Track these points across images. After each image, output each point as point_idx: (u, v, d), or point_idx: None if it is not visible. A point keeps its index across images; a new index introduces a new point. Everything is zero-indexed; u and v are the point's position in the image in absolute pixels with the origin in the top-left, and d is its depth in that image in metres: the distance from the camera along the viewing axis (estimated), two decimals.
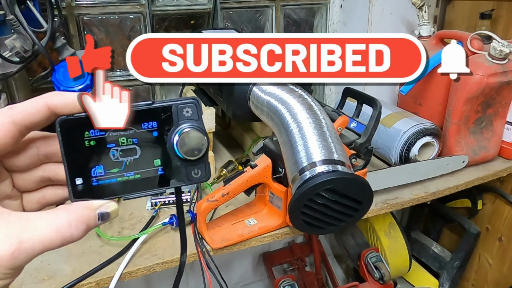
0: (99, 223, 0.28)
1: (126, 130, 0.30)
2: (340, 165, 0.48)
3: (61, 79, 0.74)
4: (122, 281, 0.66)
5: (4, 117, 0.27)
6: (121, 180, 0.30)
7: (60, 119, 0.28)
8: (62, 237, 0.26)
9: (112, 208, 0.29)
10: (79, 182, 0.29)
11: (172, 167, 0.31)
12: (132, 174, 0.30)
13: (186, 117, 0.31)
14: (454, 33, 1.00)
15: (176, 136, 0.30)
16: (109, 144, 0.30)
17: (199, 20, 1.12)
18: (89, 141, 0.29)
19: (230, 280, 1.36)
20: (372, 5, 1.10)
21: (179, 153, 0.31)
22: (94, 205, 0.28)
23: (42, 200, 0.32)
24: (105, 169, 0.30)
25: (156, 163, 0.31)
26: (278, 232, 0.74)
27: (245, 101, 0.68)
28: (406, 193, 0.88)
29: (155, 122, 0.30)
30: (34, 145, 0.30)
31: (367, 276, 1.13)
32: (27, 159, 0.30)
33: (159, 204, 0.80)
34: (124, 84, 1.07)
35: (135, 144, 0.30)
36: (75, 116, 0.29)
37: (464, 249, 1.23)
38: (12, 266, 0.24)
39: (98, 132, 0.29)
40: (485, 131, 0.98)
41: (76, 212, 0.27)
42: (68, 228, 0.26)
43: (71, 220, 0.26)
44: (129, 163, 0.30)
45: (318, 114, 0.54)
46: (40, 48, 0.70)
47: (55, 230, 0.25)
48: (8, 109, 0.27)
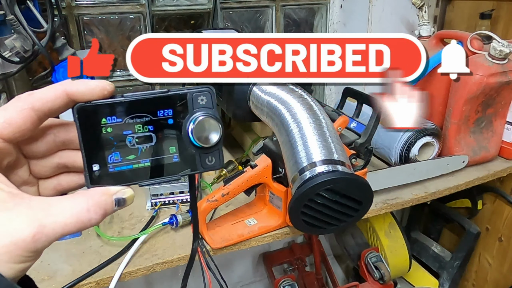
0: (115, 208, 0.29)
1: (142, 117, 0.30)
2: (340, 165, 0.48)
3: (61, 79, 0.74)
4: (122, 281, 0.66)
5: (23, 103, 0.27)
6: (137, 166, 0.31)
7: (78, 105, 0.29)
8: (81, 222, 0.26)
9: (128, 194, 0.30)
10: (96, 168, 0.30)
11: (186, 155, 0.32)
12: (147, 161, 0.31)
13: (201, 105, 0.31)
14: (454, 33, 1.00)
15: (191, 124, 0.31)
16: (126, 131, 0.30)
17: (199, 20, 1.12)
18: (106, 128, 0.30)
19: (230, 280, 1.36)
20: (372, 5, 1.10)
21: (194, 140, 0.31)
22: (111, 191, 0.29)
23: (58, 186, 0.33)
24: (121, 155, 0.30)
25: (172, 150, 0.31)
26: (278, 232, 0.74)
27: (245, 101, 0.68)
28: (406, 193, 0.88)
29: (170, 110, 0.31)
30: (51, 132, 0.31)
31: (367, 276, 1.13)
32: (44, 145, 0.31)
33: (159, 204, 0.80)
34: (124, 84, 1.07)
35: (151, 131, 0.31)
36: (92, 103, 0.29)
37: (464, 249, 1.23)
38: (33, 249, 0.25)
39: (115, 119, 0.30)
40: (485, 131, 0.98)
41: (94, 198, 0.27)
42: (87, 213, 0.27)
43: (90, 205, 0.27)
44: (145, 150, 0.31)
45: (318, 114, 0.54)
46: (40, 48, 0.70)
47: (75, 215, 0.26)
48: (27, 96, 0.28)
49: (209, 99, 0.31)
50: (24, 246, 0.24)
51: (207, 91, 0.31)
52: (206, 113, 0.31)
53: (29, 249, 0.24)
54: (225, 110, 0.78)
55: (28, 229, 0.24)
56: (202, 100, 0.31)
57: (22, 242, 0.24)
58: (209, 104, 0.31)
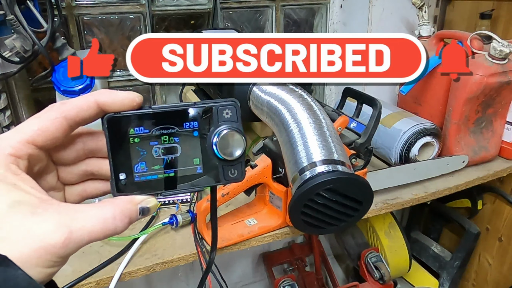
0: (140, 217, 0.29)
1: (169, 129, 0.31)
2: (340, 165, 0.48)
3: (61, 79, 0.74)
4: (122, 281, 0.66)
5: (57, 113, 0.28)
6: (162, 177, 0.31)
7: (108, 116, 0.30)
8: (108, 229, 0.27)
9: (152, 203, 0.30)
10: (122, 177, 0.30)
11: (210, 166, 0.32)
12: (172, 172, 0.31)
13: (225, 119, 0.32)
14: (454, 33, 1.00)
15: (216, 137, 0.32)
16: (152, 142, 0.31)
17: (199, 20, 1.12)
18: (133, 138, 0.30)
19: (230, 280, 1.36)
20: (372, 5, 1.10)
21: (218, 153, 0.32)
22: (136, 200, 0.29)
23: (83, 193, 0.33)
24: (147, 165, 0.31)
25: (196, 161, 0.32)
26: (278, 232, 0.74)
27: (245, 101, 0.68)
28: (406, 193, 0.88)
29: (196, 122, 0.31)
30: (80, 140, 0.32)
31: (367, 276, 1.13)
32: (73, 153, 0.32)
33: (159, 204, 0.80)
34: (124, 84, 1.07)
35: (176, 143, 0.31)
36: (121, 113, 0.30)
37: (464, 249, 1.23)
38: (62, 255, 0.25)
39: (143, 129, 0.30)
40: (485, 131, 0.98)
41: (120, 206, 0.28)
42: (113, 220, 0.27)
43: (116, 213, 0.27)
44: (170, 161, 0.31)
45: (318, 114, 0.54)
46: (40, 48, 0.70)
47: (102, 222, 0.27)
48: (60, 105, 0.28)
49: (234, 113, 0.32)
50: (54, 251, 0.24)
51: (232, 105, 0.32)
52: (231, 127, 0.32)
53: (58, 255, 0.25)
54: None
55: (57, 234, 0.25)
56: (227, 114, 0.32)
57: (52, 247, 0.24)
58: (234, 118, 0.32)
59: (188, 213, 0.75)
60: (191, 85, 1.07)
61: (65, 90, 0.74)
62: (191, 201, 0.81)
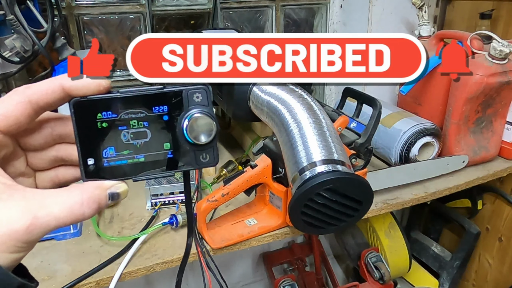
0: (109, 203, 0.29)
1: (138, 113, 0.30)
2: (340, 165, 0.48)
3: None
4: (122, 281, 0.66)
5: (20, 96, 0.27)
6: (131, 162, 0.31)
7: (74, 100, 0.29)
8: (74, 215, 0.27)
9: (122, 188, 0.30)
10: (91, 162, 0.30)
11: (181, 151, 0.32)
12: (142, 157, 0.31)
13: (196, 103, 0.31)
14: (454, 33, 1.00)
15: (186, 121, 0.31)
16: (121, 127, 0.30)
17: (199, 20, 1.12)
18: (101, 123, 0.30)
19: (230, 280, 1.36)
20: (372, 5, 1.10)
21: (188, 137, 0.31)
22: (105, 185, 0.29)
23: (54, 178, 0.33)
24: (116, 150, 0.30)
25: (166, 146, 0.32)
26: (278, 232, 0.74)
27: (245, 101, 0.68)
28: (406, 193, 0.88)
29: (165, 106, 0.31)
30: (48, 125, 0.31)
31: (367, 276, 1.13)
32: (41, 138, 0.31)
33: (159, 204, 0.80)
34: (124, 84, 1.07)
35: (146, 127, 0.31)
36: (88, 98, 0.29)
37: (464, 249, 1.23)
38: (27, 240, 0.25)
39: (110, 114, 0.30)
40: (485, 131, 0.98)
41: (88, 191, 0.28)
42: (81, 206, 0.27)
43: (84, 198, 0.27)
44: (140, 146, 0.31)
45: (318, 114, 0.54)
46: (40, 48, 0.70)
47: (69, 208, 0.26)
48: (24, 89, 0.28)
49: (204, 97, 0.32)
50: (18, 237, 0.25)
51: (203, 89, 0.32)
52: (201, 111, 0.31)
53: (23, 240, 0.25)
54: (225, 110, 0.78)
55: (22, 220, 0.25)
56: (197, 98, 0.32)
57: (15, 233, 0.24)
58: (204, 102, 0.32)
59: None
60: None
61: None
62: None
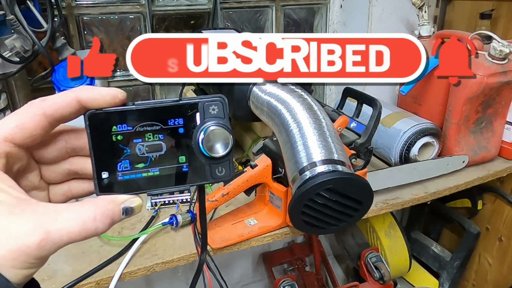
0: (123, 217, 0.29)
1: (153, 126, 0.30)
2: (340, 165, 0.48)
3: (61, 79, 0.74)
4: (122, 281, 0.66)
5: (36, 109, 0.27)
6: (146, 175, 0.30)
7: (89, 112, 0.29)
8: (88, 230, 0.26)
9: (136, 203, 0.29)
10: (105, 176, 0.30)
11: (196, 164, 0.31)
12: (157, 170, 0.31)
13: (212, 115, 0.31)
14: (454, 33, 1.00)
15: (202, 134, 0.30)
16: (136, 139, 0.30)
17: (199, 20, 1.12)
18: (116, 136, 0.29)
19: (230, 280, 1.36)
20: (372, 5, 1.10)
21: (204, 150, 0.31)
22: (119, 200, 0.28)
23: (68, 192, 0.33)
24: (130, 164, 0.30)
25: (181, 160, 0.31)
26: (278, 232, 0.74)
27: (245, 101, 0.68)
28: (406, 193, 0.88)
29: (181, 119, 0.30)
30: (62, 138, 0.31)
31: (367, 276, 1.13)
32: (55, 151, 0.31)
33: (159, 204, 0.80)
34: (124, 84, 1.07)
35: (161, 140, 0.30)
36: (103, 110, 0.29)
37: (464, 249, 1.23)
38: (38, 256, 0.25)
39: (126, 126, 0.29)
40: (485, 131, 0.98)
41: (101, 206, 0.27)
42: (93, 221, 0.26)
43: (97, 213, 0.27)
44: (155, 159, 0.30)
45: (318, 114, 0.54)
46: (40, 48, 0.70)
47: (82, 223, 0.26)
48: (40, 101, 0.28)
49: (220, 109, 0.31)
50: (29, 253, 0.24)
51: (219, 101, 0.31)
52: (217, 123, 0.31)
53: (34, 256, 0.24)
54: None
55: (34, 235, 0.24)
56: (213, 110, 0.31)
57: (27, 249, 0.24)
58: (220, 114, 0.31)
59: (188, 213, 0.75)
60: (191, 85, 1.07)
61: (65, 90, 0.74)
62: (191, 201, 0.81)
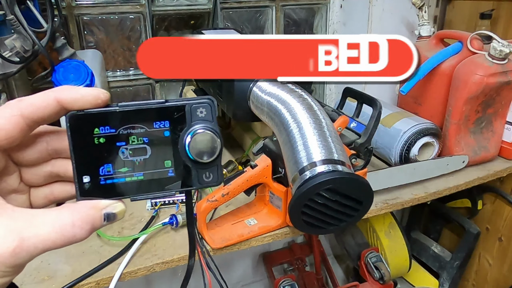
0: (104, 223, 0.27)
1: (138, 128, 0.29)
2: (340, 165, 0.48)
3: (61, 79, 0.74)
4: (122, 281, 0.66)
5: (13, 110, 0.26)
6: (130, 180, 0.29)
7: (70, 114, 0.28)
8: (65, 237, 0.25)
9: (119, 208, 0.28)
10: (86, 180, 0.28)
11: (183, 169, 0.30)
12: (141, 175, 0.29)
13: (199, 118, 0.30)
14: (454, 33, 1.00)
15: (188, 137, 0.29)
16: (119, 142, 0.29)
17: (199, 20, 1.12)
18: (98, 138, 0.28)
19: (230, 280, 1.36)
20: (372, 5, 1.10)
21: (190, 155, 0.29)
22: (100, 205, 0.27)
23: (50, 195, 0.32)
24: (113, 168, 0.29)
25: (167, 164, 0.30)
26: (278, 232, 0.74)
27: (245, 101, 0.68)
28: (406, 193, 0.88)
29: (167, 122, 0.29)
30: (43, 140, 0.30)
31: (367, 276, 1.13)
32: (35, 153, 0.30)
33: (159, 204, 0.80)
34: (124, 84, 1.07)
35: (146, 143, 0.29)
36: (85, 111, 0.28)
37: (464, 249, 1.23)
38: (12, 264, 0.23)
39: (108, 129, 0.28)
40: (485, 131, 0.98)
41: (81, 212, 0.26)
42: (72, 228, 0.25)
43: (75, 219, 0.25)
44: (139, 163, 0.29)
45: (318, 114, 0.54)
46: (40, 48, 0.70)
47: (58, 229, 0.25)
48: (17, 102, 0.27)
49: (209, 112, 0.30)
50: (3, 261, 0.23)
51: (207, 103, 0.30)
52: (205, 126, 0.29)
53: (8, 264, 0.23)
54: (225, 110, 0.78)
55: (7, 242, 0.23)
56: (201, 113, 0.30)
57: (0, 257, 0.23)
58: (208, 117, 0.30)
59: None
60: (191, 85, 1.07)
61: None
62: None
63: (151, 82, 1.10)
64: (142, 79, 1.09)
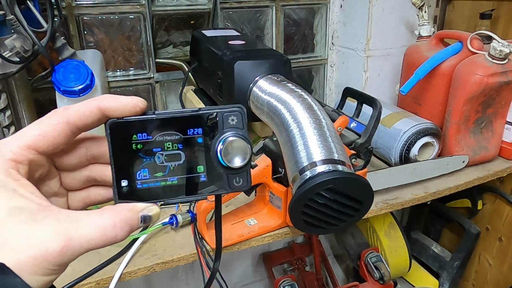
0: (141, 225, 0.29)
1: (172, 135, 0.30)
2: (340, 164, 0.48)
3: (61, 79, 0.74)
4: (122, 281, 0.66)
5: (59, 118, 0.28)
6: (164, 184, 0.31)
7: (110, 121, 0.29)
8: (107, 237, 0.26)
9: (154, 211, 0.30)
10: (124, 184, 0.30)
11: (214, 174, 0.32)
12: (175, 179, 0.31)
13: (231, 125, 0.31)
14: (454, 33, 1.00)
15: (220, 144, 0.31)
16: (155, 148, 0.30)
17: (199, 20, 1.13)
18: (136, 145, 0.30)
19: (230, 280, 1.36)
20: (372, 5, 1.10)
21: (222, 161, 0.31)
22: (138, 208, 0.29)
23: (86, 199, 0.33)
24: (150, 172, 0.30)
25: (199, 169, 0.31)
26: (278, 232, 0.74)
27: (245, 101, 0.68)
28: (406, 193, 0.88)
29: (200, 129, 0.31)
30: (83, 146, 0.31)
31: (367, 276, 1.13)
32: (76, 158, 0.31)
33: (159, 204, 0.80)
34: (124, 84, 1.07)
35: (180, 149, 0.31)
36: (124, 119, 0.29)
37: (464, 249, 1.23)
38: (59, 263, 0.25)
39: (146, 135, 0.30)
40: (485, 131, 0.98)
41: (121, 214, 0.28)
42: (113, 228, 0.27)
43: (116, 221, 0.27)
44: (173, 168, 0.31)
45: (318, 114, 0.54)
46: (40, 48, 0.70)
47: (102, 230, 0.26)
48: (63, 110, 0.28)
49: (239, 119, 0.31)
50: (51, 259, 0.24)
51: (238, 111, 0.31)
52: (236, 134, 0.31)
53: (56, 262, 0.25)
54: None
55: (55, 242, 0.24)
56: (232, 120, 0.31)
57: (49, 255, 0.24)
58: (239, 125, 0.31)
59: (188, 213, 0.75)
60: (191, 85, 1.07)
61: (65, 90, 0.74)
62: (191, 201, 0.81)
63: (151, 82, 1.10)
64: (142, 79, 1.09)
